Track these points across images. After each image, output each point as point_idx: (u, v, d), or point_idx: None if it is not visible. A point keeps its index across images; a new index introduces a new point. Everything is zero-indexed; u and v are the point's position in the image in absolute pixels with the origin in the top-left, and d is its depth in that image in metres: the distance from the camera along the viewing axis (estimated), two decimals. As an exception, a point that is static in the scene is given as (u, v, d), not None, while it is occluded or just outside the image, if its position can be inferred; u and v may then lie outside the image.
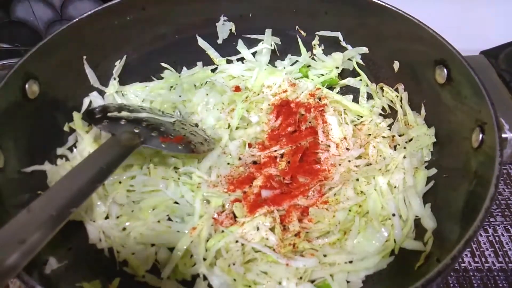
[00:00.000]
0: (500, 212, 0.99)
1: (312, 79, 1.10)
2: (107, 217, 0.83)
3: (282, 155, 0.92)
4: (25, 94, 0.80)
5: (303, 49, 1.11)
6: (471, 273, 0.88)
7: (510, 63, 0.83)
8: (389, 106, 1.01)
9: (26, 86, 0.79)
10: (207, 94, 1.03)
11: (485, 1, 1.26)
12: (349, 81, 1.08)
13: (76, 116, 0.92)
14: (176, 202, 0.86)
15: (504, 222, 0.97)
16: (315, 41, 1.09)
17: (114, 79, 1.01)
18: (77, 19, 0.88)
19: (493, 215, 0.98)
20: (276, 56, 1.13)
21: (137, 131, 0.84)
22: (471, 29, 1.17)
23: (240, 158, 0.93)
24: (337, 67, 1.09)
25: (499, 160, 0.62)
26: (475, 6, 1.26)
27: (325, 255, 0.76)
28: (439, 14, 1.05)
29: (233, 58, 1.12)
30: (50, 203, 0.63)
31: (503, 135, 0.66)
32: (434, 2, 1.26)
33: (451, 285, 0.87)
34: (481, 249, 0.92)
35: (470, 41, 0.94)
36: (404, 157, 0.87)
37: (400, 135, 0.94)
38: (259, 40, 1.11)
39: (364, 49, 1.04)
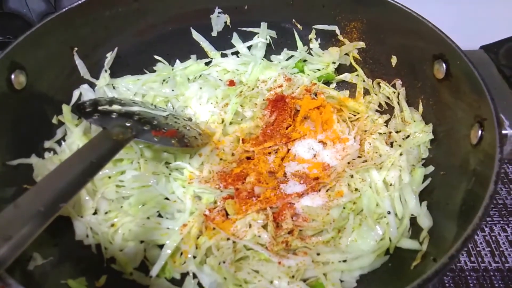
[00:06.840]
0: (497, 211, 0.98)
1: (308, 74, 1.08)
2: (95, 213, 0.81)
3: (276, 151, 0.90)
4: (11, 84, 0.77)
5: (299, 43, 1.08)
6: (467, 273, 0.87)
7: (511, 58, 0.81)
8: (386, 102, 0.99)
9: (12, 76, 0.77)
10: (200, 88, 1.01)
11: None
12: (346, 76, 1.07)
13: (66, 108, 0.90)
14: (166, 198, 0.84)
15: (501, 222, 0.96)
16: (312, 35, 1.07)
17: (105, 71, 0.98)
18: (66, 8, 0.86)
19: (490, 215, 0.97)
20: (271, 50, 1.11)
21: (129, 124, 0.82)
22: (471, 24, 1.16)
23: (233, 154, 0.91)
24: (333, 62, 1.07)
25: (499, 157, 0.61)
26: (475, 0, 1.24)
27: (318, 254, 0.74)
28: (438, 8, 1.04)
29: (228, 51, 1.10)
30: (38, 198, 0.61)
31: (503, 132, 0.64)
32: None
33: (447, 285, 0.85)
34: (478, 249, 0.91)
35: (469, 35, 0.93)
36: (401, 154, 0.85)
37: (397, 132, 0.92)
38: (255, 34, 1.09)
39: (361, 44, 1.02)
